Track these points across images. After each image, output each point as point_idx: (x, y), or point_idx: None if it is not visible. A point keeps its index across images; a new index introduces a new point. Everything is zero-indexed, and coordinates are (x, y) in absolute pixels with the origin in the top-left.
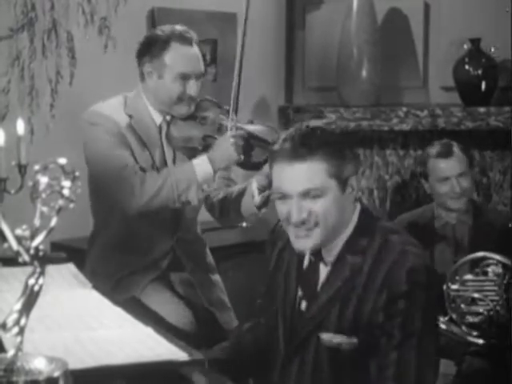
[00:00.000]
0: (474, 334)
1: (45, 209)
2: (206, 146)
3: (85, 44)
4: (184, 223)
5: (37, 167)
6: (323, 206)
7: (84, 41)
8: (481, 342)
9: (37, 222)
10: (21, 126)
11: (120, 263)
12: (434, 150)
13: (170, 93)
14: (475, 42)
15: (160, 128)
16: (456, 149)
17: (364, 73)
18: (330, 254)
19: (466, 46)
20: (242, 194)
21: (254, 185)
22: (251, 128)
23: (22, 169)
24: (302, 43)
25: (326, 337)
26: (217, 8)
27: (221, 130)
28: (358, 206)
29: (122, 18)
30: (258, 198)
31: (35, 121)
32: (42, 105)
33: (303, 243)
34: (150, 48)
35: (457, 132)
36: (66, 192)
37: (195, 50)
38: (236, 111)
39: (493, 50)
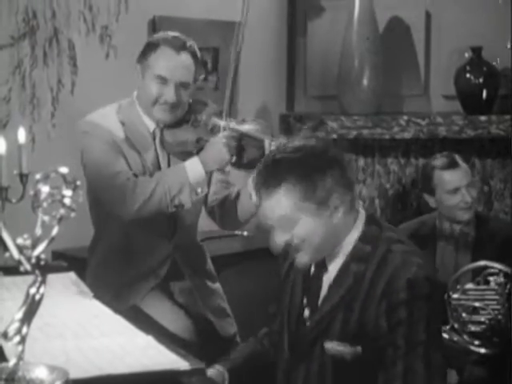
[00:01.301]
0: (476, 343)
1: (46, 218)
2: (200, 148)
3: (86, 52)
4: (181, 229)
5: (38, 176)
6: (302, 229)
7: (85, 49)
8: (482, 351)
9: (38, 231)
10: (22, 135)
11: (119, 271)
12: (438, 162)
13: (146, 93)
14: (476, 50)
15: (154, 134)
16: (459, 160)
17: (365, 81)
18: (334, 262)
19: (467, 55)
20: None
21: (250, 184)
22: (244, 127)
23: (23, 178)
24: (304, 51)
25: (330, 345)
26: (218, 16)
27: (214, 131)
28: (363, 214)
29: (124, 26)
30: (255, 197)
31: (36, 129)
32: (43, 113)
33: (299, 258)
34: (143, 50)
35: (458, 140)
36: (67, 201)
37: (183, 57)
38: (230, 112)
39: (498, 61)
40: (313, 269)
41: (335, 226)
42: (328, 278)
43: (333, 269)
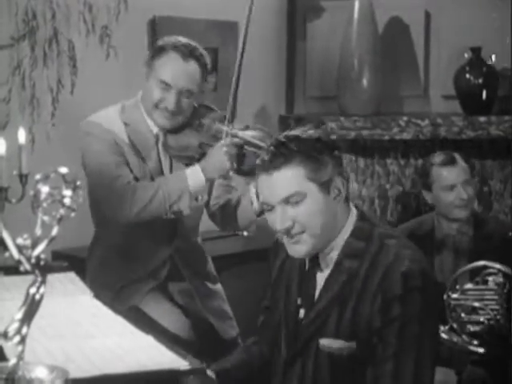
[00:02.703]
0: (475, 343)
1: (46, 218)
2: (202, 153)
3: (86, 53)
4: (182, 232)
5: (38, 176)
6: (306, 210)
7: (85, 49)
8: (481, 351)
9: (38, 231)
10: (22, 135)
11: (118, 273)
12: (436, 158)
13: (149, 96)
14: (476, 50)
15: (157, 137)
16: (458, 158)
17: (365, 82)
18: (327, 260)
19: (466, 55)
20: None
21: (252, 191)
22: (246, 134)
23: (23, 178)
24: (303, 52)
25: (325, 342)
26: (218, 17)
27: (216, 136)
28: (355, 211)
29: (124, 26)
30: (256, 205)
31: (36, 130)
32: (42, 114)
33: (296, 249)
34: (152, 53)
35: (458, 141)
36: (67, 201)
37: (190, 65)
38: (232, 118)
39: (493, 58)
40: (307, 268)
41: (333, 218)
42: (322, 276)
43: (326, 267)
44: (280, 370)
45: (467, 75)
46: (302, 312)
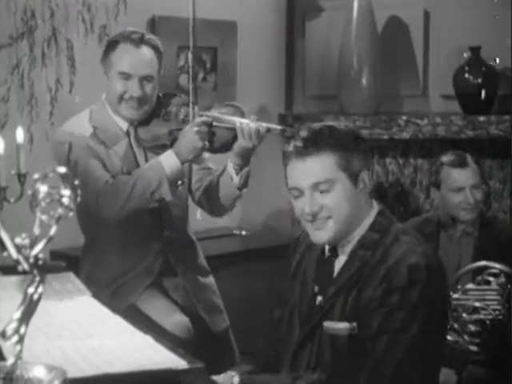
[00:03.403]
0: (476, 342)
1: (44, 217)
2: (174, 139)
3: (84, 52)
4: (169, 223)
5: (36, 176)
6: (334, 198)
7: (84, 49)
8: (482, 351)
9: (36, 230)
10: (20, 135)
11: (112, 270)
12: (448, 158)
13: (112, 92)
14: (475, 50)
15: (128, 133)
16: (470, 160)
17: (364, 81)
18: (345, 251)
19: (465, 55)
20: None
21: (229, 166)
22: (213, 112)
23: (21, 177)
24: (302, 51)
25: (329, 324)
26: (217, 16)
27: (185, 120)
28: (376, 206)
29: (122, 26)
30: (237, 179)
31: (35, 129)
32: (41, 113)
33: (319, 236)
34: (105, 50)
35: (457, 141)
36: (65, 201)
37: (143, 51)
38: (196, 100)
39: (497, 60)
40: (325, 257)
41: (358, 207)
42: (338, 266)
43: (343, 255)
44: (289, 357)
45: (466, 75)
46: (318, 299)
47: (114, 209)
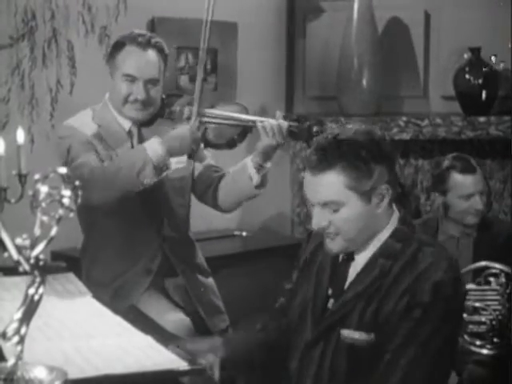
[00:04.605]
0: (477, 343)
1: (45, 218)
2: None
3: (85, 53)
4: (169, 220)
5: (37, 176)
6: (342, 217)
7: (84, 50)
8: (483, 351)
9: (37, 231)
10: (21, 135)
11: (111, 268)
12: (454, 163)
13: (117, 93)
14: (475, 51)
15: (130, 133)
16: (475, 164)
17: (364, 82)
18: (362, 256)
19: (466, 56)
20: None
21: (249, 164)
22: (216, 111)
23: (22, 178)
24: (303, 52)
25: (346, 332)
26: (217, 17)
27: (189, 119)
28: (397, 214)
29: (123, 27)
30: (258, 178)
31: (35, 130)
32: (42, 114)
33: (331, 246)
34: (110, 51)
35: (457, 141)
36: (65, 201)
37: (149, 54)
38: (200, 99)
39: (493, 59)
40: (340, 259)
41: (372, 222)
42: (354, 270)
43: (360, 260)
44: (298, 355)
45: (467, 75)
46: (331, 302)
47: (103, 190)
